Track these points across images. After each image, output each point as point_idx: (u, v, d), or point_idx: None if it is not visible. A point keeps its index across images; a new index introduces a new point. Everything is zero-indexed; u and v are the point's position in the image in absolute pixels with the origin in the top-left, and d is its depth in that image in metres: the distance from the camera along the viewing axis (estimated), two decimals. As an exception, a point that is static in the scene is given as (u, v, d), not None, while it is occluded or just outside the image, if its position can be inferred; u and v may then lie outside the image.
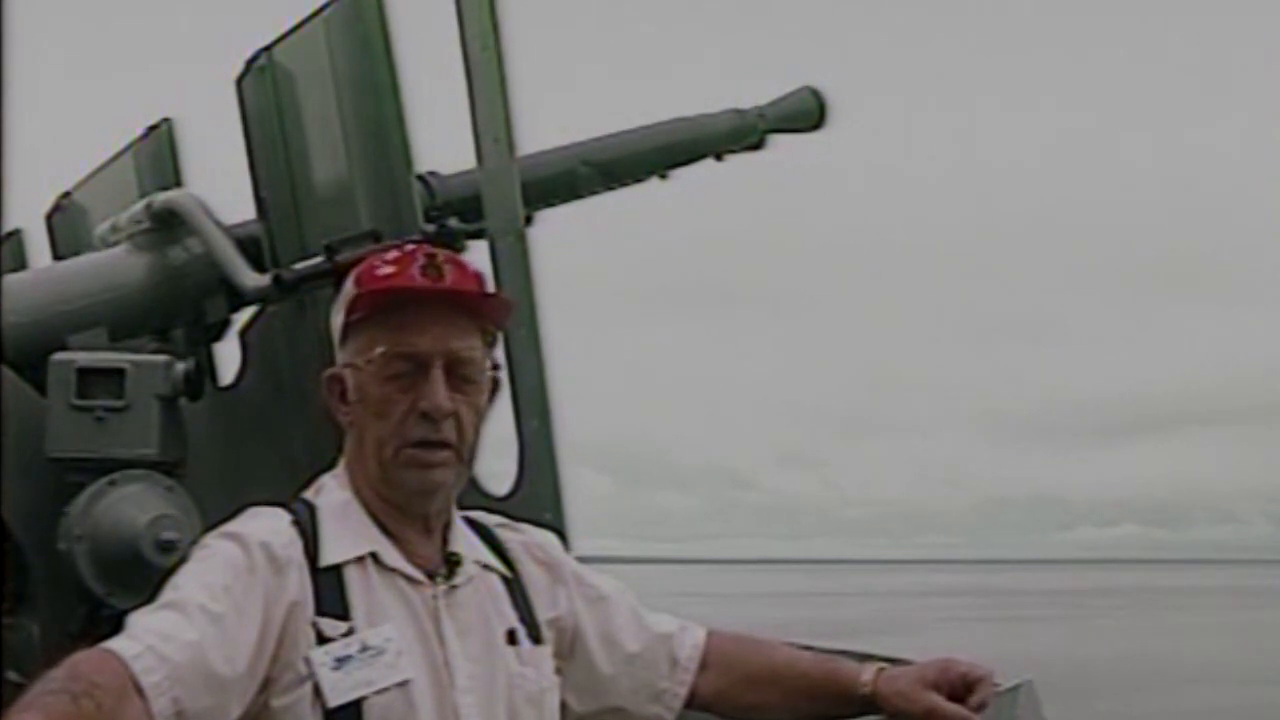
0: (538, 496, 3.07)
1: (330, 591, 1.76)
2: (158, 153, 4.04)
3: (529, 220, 3.25)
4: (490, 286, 1.97)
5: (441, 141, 3.49)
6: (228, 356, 3.62)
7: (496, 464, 3.07)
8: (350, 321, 1.86)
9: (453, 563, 1.87)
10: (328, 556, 1.79)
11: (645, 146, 4.23)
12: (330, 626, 1.74)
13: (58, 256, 4.22)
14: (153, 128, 4.09)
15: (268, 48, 3.44)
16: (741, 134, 4.48)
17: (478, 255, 3.08)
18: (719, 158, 4.45)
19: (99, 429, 2.96)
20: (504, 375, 1.96)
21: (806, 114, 4.61)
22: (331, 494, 1.87)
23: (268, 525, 1.80)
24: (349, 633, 1.75)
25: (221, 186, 3.66)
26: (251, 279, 3.27)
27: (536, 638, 1.91)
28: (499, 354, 1.94)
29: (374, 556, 1.82)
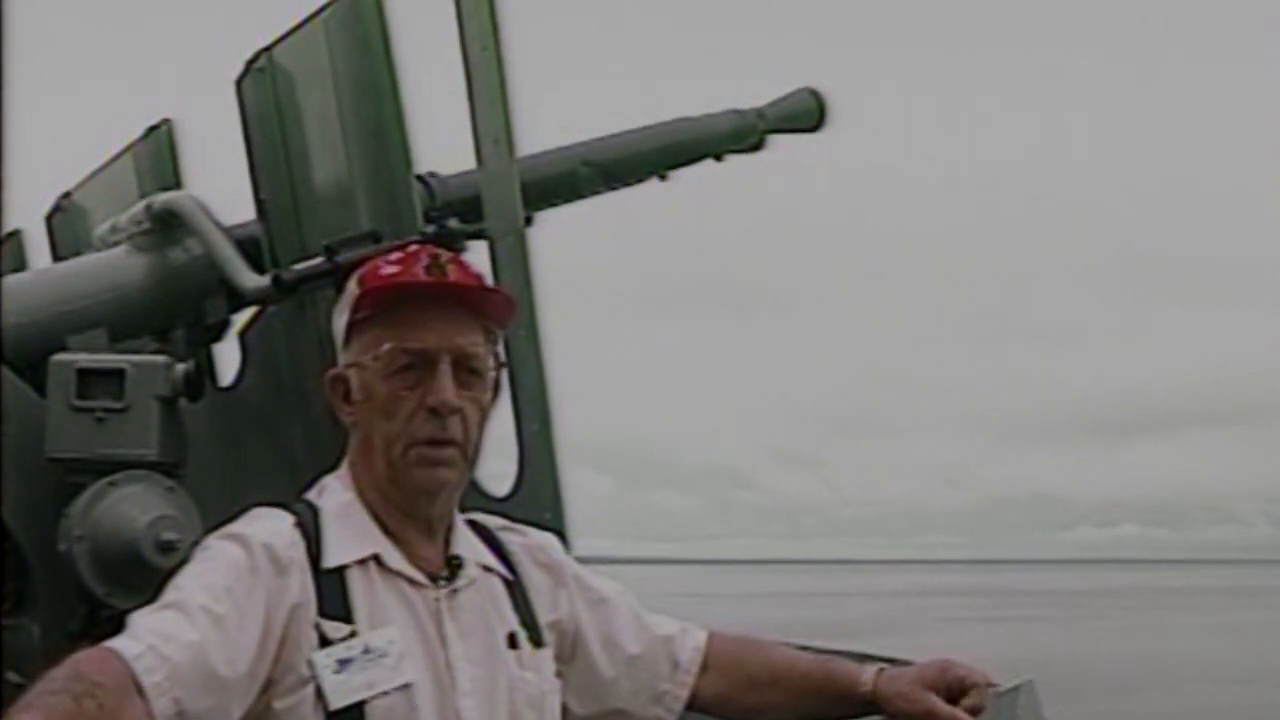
0: (538, 497, 3.06)
1: (333, 594, 1.77)
2: (157, 154, 4.04)
3: (529, 221, 3.25)
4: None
5: (441, 142, 3.49)
6: (227, 357, 3.63)
7: (497, 465, 3.07)
8: (355, 321, 1.86)
9: (454, 565, 1.87)
10: (330, 559, 1.79)
11: (645, 147, 4.23)
12: (332, 629, 1.74)
13: (57, 257, 4.22)
14: (152, 128, 4.09)
15: (267, 48, 3.43)
16: (741, 134, 4.48)
17: (478, 256, 3.08)
18: (719, 158, 4.45)
19: (99, 430, 2.95)
20: (504, 376, 1.96)
21: (806, 114, 4.61)
22: (334, 495, 1.87)
23: (270, 527, 1.80)
24: (351, 635, 1.75)
25: (221, 187, 3.66)
26: (251, 280, 3.27)
27: (538, 640, 1.91)
28: (500, 353, 1.94)
29: (376, 559, 1.82)
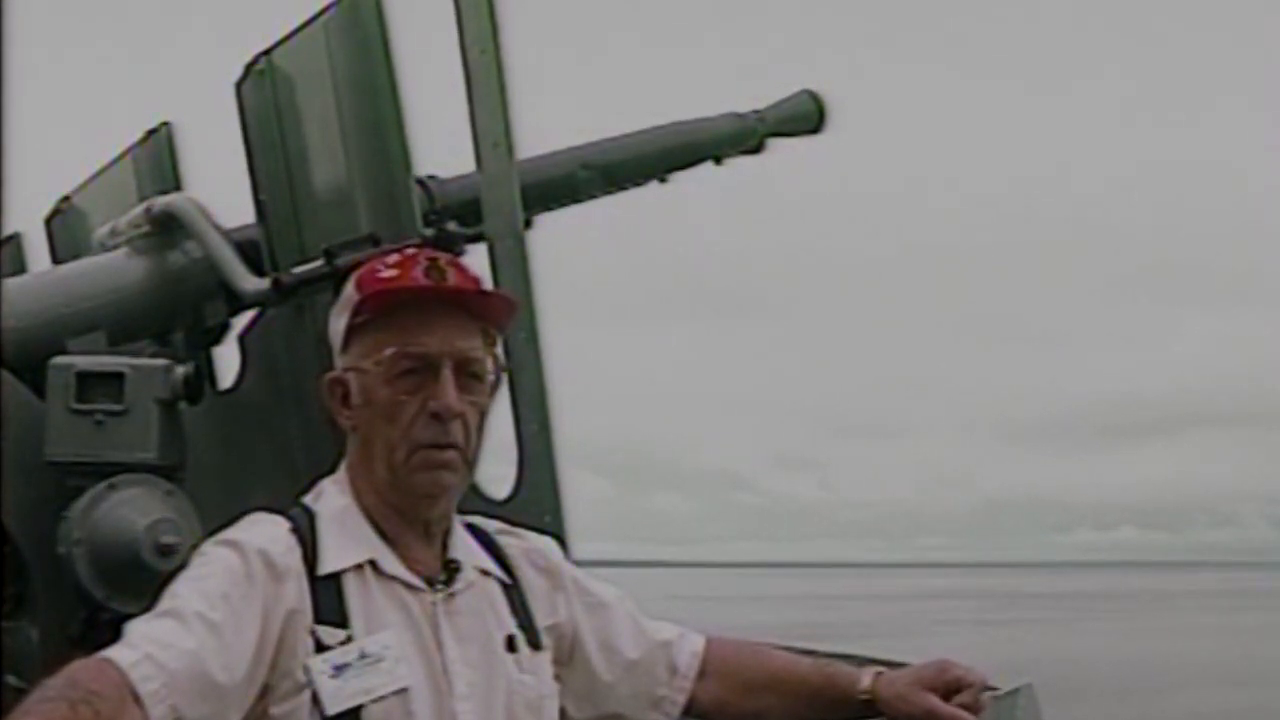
0: (537, 500, 3.07)
1: (329, 599, 1.76)
2: (157, 156, 4.05)
3: (528, 224, 3.25)
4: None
5: (441, 145, 3.50)
6: (227, 360, 3.63)
7: (496, 468, 3.07)
8: (354, 324, 1.86)
9: (452, 569, 1.87)
10: (326, 564, 1.79)
11: (645, 150, 4.23)
12: (329, 634, 1.74)
13: (57, 260, 4.22)
14: (152, 131, 4.09)
15: (267, 51, 3.43)
16: (741, 137, 4.48)
17: (477, 259, 3.08)
18: (718, 161, 4.45)
19: (98, 432, 2.95)
20: (503, 378, 1.96)
21: (805, 117, 4.61)
22: (331, 500, 1.87)
23: (266, 533, 1.79)
24: (347, 640, 1.75)
25: (221, 190, 3.66)
26: (251, 282, 3.27)
27: (536, 644, 1.91)
28: (499, 356, 1.94)
29: (373, 564, 1.82)
